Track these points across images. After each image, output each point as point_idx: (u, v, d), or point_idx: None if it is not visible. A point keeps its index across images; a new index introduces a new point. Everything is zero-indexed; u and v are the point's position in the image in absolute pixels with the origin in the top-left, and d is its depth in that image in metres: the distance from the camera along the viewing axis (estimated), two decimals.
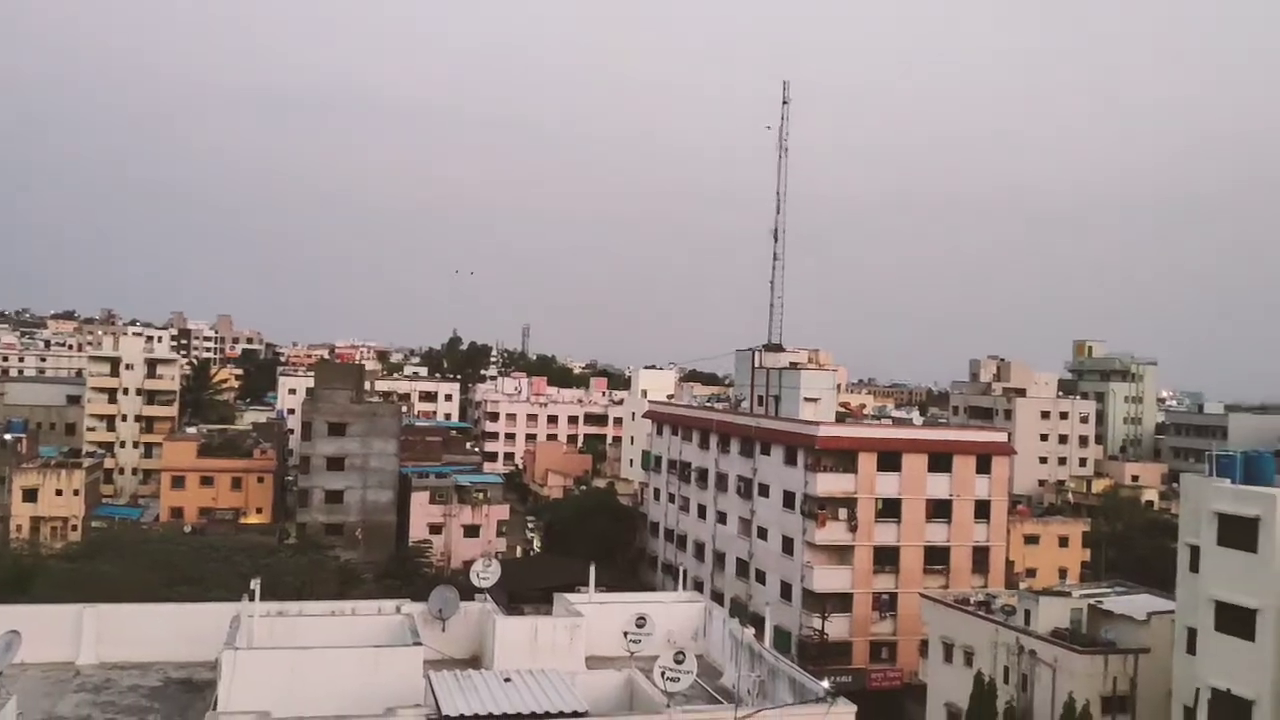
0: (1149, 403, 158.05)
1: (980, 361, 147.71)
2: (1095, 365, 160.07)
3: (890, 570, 69.48)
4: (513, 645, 26.84)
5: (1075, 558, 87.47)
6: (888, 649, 68.97)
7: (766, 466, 75.69)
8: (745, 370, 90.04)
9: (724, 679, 27.38)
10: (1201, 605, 41.90)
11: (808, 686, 23.51)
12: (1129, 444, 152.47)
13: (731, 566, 79.27)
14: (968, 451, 72.57)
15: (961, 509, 71.07)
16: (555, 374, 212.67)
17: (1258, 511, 39.96)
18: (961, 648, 53.19)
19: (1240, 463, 43.86)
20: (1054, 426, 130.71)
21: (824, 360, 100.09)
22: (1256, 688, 39.52)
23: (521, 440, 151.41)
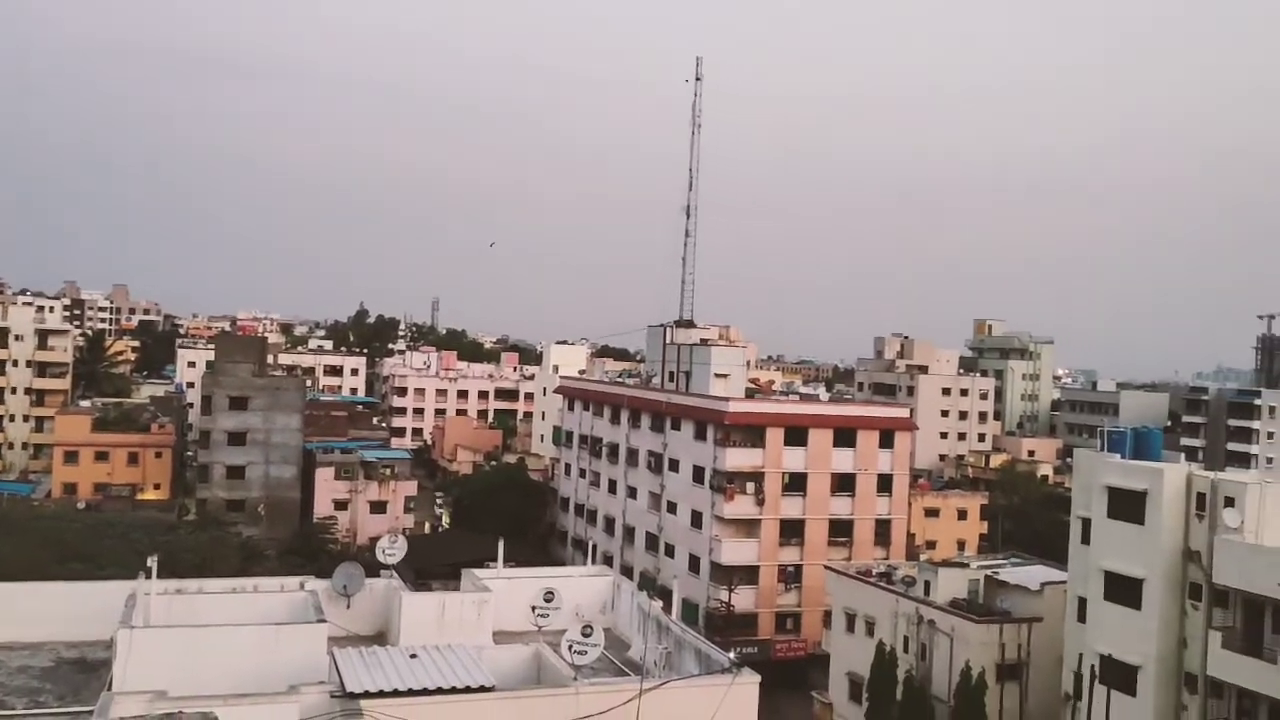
0: (1045, 380, 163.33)
1: (885, 339, 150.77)
2: (995, 344, 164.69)
3: (796, 543, 70.68)
4: (419, 621, 26.58)
5: (973, 530, 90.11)
6: (793, 620, 70.26)
7: (677, 442, 76.22)
8: (657, 346, 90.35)
9: (632, 651, 27.55)
10: (1092, 575, 43.53)
11: (713, 657, 23.80)
12: (1026, 420, 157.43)
13: (641, 541, 79.76)
14: (871, 427, 74.04)
15: (865, 483, 72.58)
16: (466, 348, 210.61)
17: (1145, 485, 41.60)
18: (864, 618, 54.43)
19: (1130, 439, 45.66)
20: (954, 403, 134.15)
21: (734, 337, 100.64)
22: (1142, 654, 41.28)
23: (430, 415, 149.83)
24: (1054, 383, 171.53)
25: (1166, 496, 40.90)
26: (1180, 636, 40.94)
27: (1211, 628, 39.64)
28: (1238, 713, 38.61)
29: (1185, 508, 41.05)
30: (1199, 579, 40.42)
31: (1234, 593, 39.17)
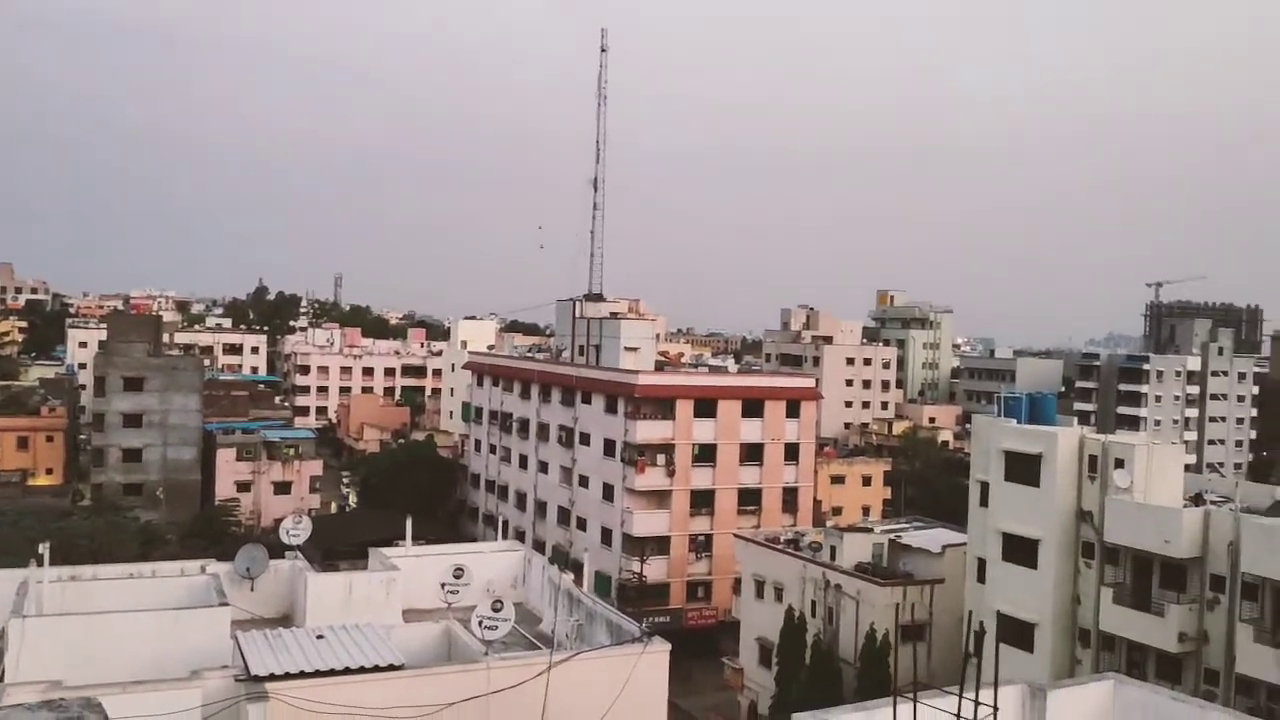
0: (945, 349, 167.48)
1: (791, 311, 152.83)
2: (896, 314, 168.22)
3: (706, 513, 71.43)
4: (326, 602, 26.20)
5: (877, 495, 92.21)
6: (704, 588, 71.09)
7: (588, 415, 76.20)
8: (566, 320, 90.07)
9: (543, 625, 27.57)
10: (990, 537, 44.90)
11: (625, 628, 23.94)
12: (927, 388, 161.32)
13: (553, 515, 79.73)
14: (779, 397, 75.05)
15: (773, 452, 73.61)
16: (370, 325, 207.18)
17: (1040, 449, 42.98)
18: (772, 584, 55.32)
19: (1025, 404, 46.99)
20: (858, 372, 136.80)
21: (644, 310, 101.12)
22: (1038, 611, 42.79)
23: (335, 394, 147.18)
24: (953, 351, 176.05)
25: (1060, 459, 42.33)
26: (1074, 594, 42.53)
27: (1103, 584, 41.24)
28: (1128, 664, 40.28)
29: (1078, 470, 42.55)
30: (1091, 538, 42.00)
31: (1124, 550, 40.80)
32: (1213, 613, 38.00)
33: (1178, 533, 38.31)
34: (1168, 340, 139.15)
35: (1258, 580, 36.51)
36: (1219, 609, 37.82)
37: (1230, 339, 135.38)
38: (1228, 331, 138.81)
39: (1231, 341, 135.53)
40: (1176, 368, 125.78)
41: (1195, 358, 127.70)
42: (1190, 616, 38.40)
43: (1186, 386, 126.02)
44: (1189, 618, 38.39)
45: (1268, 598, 36.39)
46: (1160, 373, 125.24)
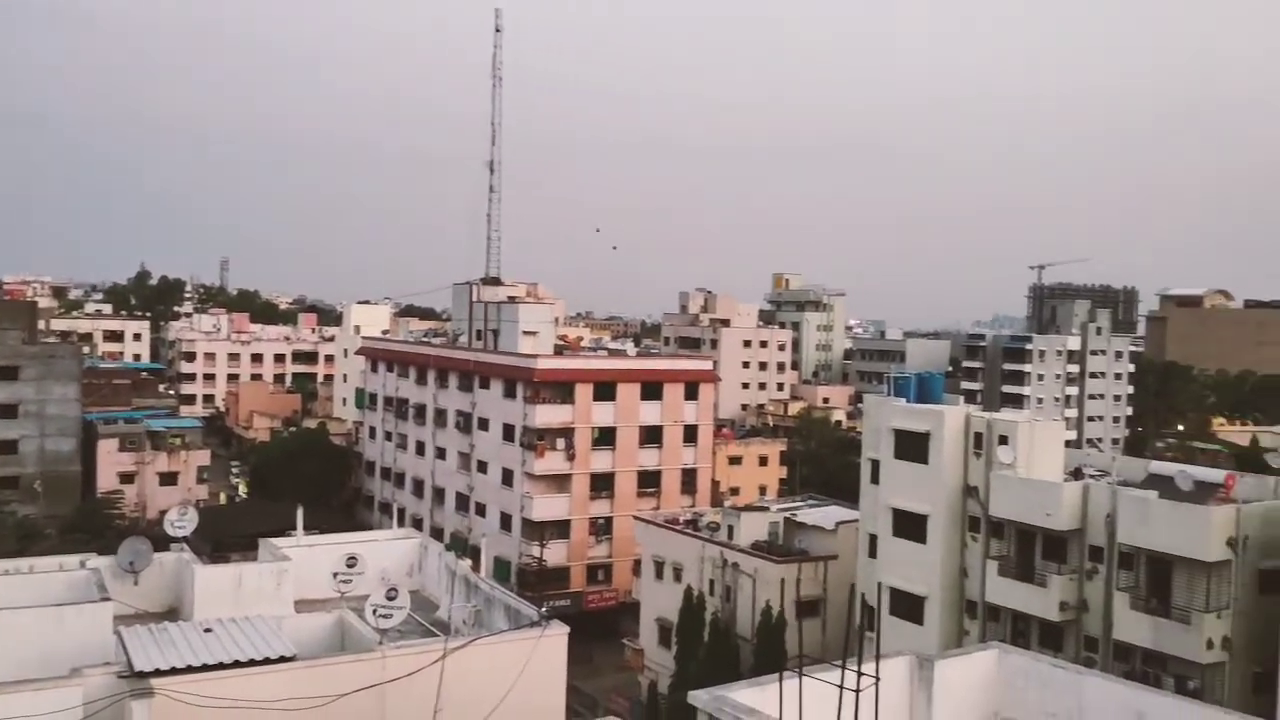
0: (838, 330, 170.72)
1: (689, 294, 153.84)
2: (792, 297, 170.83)
3: (606, 496, 71.64)
4: (214, 595, 25.49)
5: (774, 475, 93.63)
6: (604, 571, 71.35)
7: (486, 400, 75.59)
8: (463, 304, 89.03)
9: (440, 612, 27.29)
10: (881, 513, 45.98)
11: (523, 612, 23.86)
12: (821, 369, 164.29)
13: (452, 501, 78.98)
14: (677, 380, 75.61)
15: (672, 434, 74.18)
16: (259, 310, 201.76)
17: (928, 427, 44.15)
18: (672, 565, 55.78)
19: (914, 383, 48.17)
20: (755, 354, 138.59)
21: (542, 294, 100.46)
22: (928, 584, 44.02)
23: (223, 381, 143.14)
24: (846, 333, 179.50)
25: (947, 437, 43.54)
26: (961, 567, 43.87)
27: (989, 557, 42.62)
28: (1013, 634, 41.74)
29: (964, 447, 43.82)
30: (978, 513, 43.32)
31: (1008, 524, 42.19)
32: (1092, 582, 39.59)
33: (1058, 506, 39.78)
34: (1049, 321, 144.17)
35: (1133, 550, 38.14)
36: (1097, 578, 39.42)
37: (1108, 319, 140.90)
38: (1105, 312, 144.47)
39: (1109, 322, 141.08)
40: (1057, 347, 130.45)
41: (1075, 338, 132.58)
42: (1071, 586, 39.95)
43: (1067, 365, 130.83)
44: (1069, 587, 39.94)
45: (1142, 567, 38.07)
46: (1042, 352, 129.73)
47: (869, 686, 12.76)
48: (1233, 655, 35.85)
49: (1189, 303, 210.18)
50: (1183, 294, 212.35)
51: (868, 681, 12.78)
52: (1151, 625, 37.07)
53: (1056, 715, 16.32)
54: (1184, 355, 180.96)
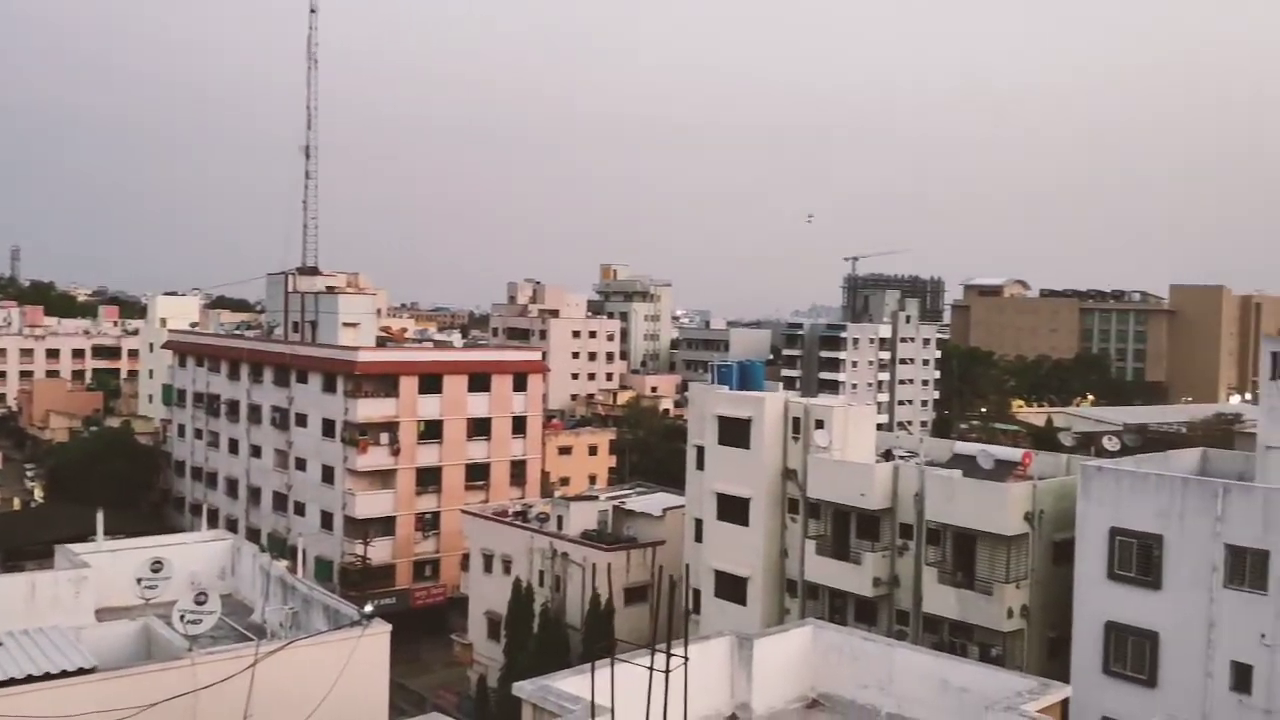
0: (665, 320, 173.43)
1: (517, 284, 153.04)
2: (620, 287, 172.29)
3: (433, 490, 70.47)
4: (6, 606, 23.69)
5: (603, 464, 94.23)
6: (432, 567, 70.25)
7: (304, 395, 73.10)
8: (278, 295, 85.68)
9: (255, 616, 26.21)
10: (706, 498, 46.93)
11: (342, 612, 23.15)
12: (649, 358, 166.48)
13: (269, 501, 76.11)
14: (505, 371, 75.05)
15: (500, 426, 73.59)
16: (55, 302, 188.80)
17: (750, 413, 45.30)
18: (501, 557, 55.42)
19: (736, 372, 49.30)
20: (584, 344, 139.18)
21: (364, 284, 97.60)
22: (751, 566, 45.22)
23: (14, 378, 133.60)
24: (673, 323, 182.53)
25: (767, 423, 44.80)
26: (782, 548, 45.25)
27: (808, 537, 44.11)
28: (830, 610, 43.35)
29: (784, 432, 45.19)
30: (797, 495, 44.77)
31: (825, 505, 43.76)
32: (902, 558, 41.51)
33: (871, 486, 41.51)
34: (863, 310, 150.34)
35: (940, 526, 40.20)
36: (908, 554, 41.35)
37: (916, 308, 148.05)
38: (914, 301, 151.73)
39: (917, 311, 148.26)
40: (870, 335, 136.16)
41: (886, 326, 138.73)
42: (883, 563, 41.80)
43: (879, 352, 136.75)
44: (882, 564, 41.77)
45: (948, 542, 40.17)
46: (856, 340, 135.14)
47: (678, 667, 12.94)
48: (1030, 622, 38.27)
49: (990, 292, 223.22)
50: (984, 284, 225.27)
51: (677, 663, 12.96)
52: (957, 597, 39.17)
53: (868, 687, 17.00)
54: (986, 342, 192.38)
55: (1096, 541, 35.08)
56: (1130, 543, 34.25)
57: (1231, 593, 31.97)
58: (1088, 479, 35.76)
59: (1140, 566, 34.02)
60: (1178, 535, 33.16)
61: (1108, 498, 35.01)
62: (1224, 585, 32.14)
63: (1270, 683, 31.16)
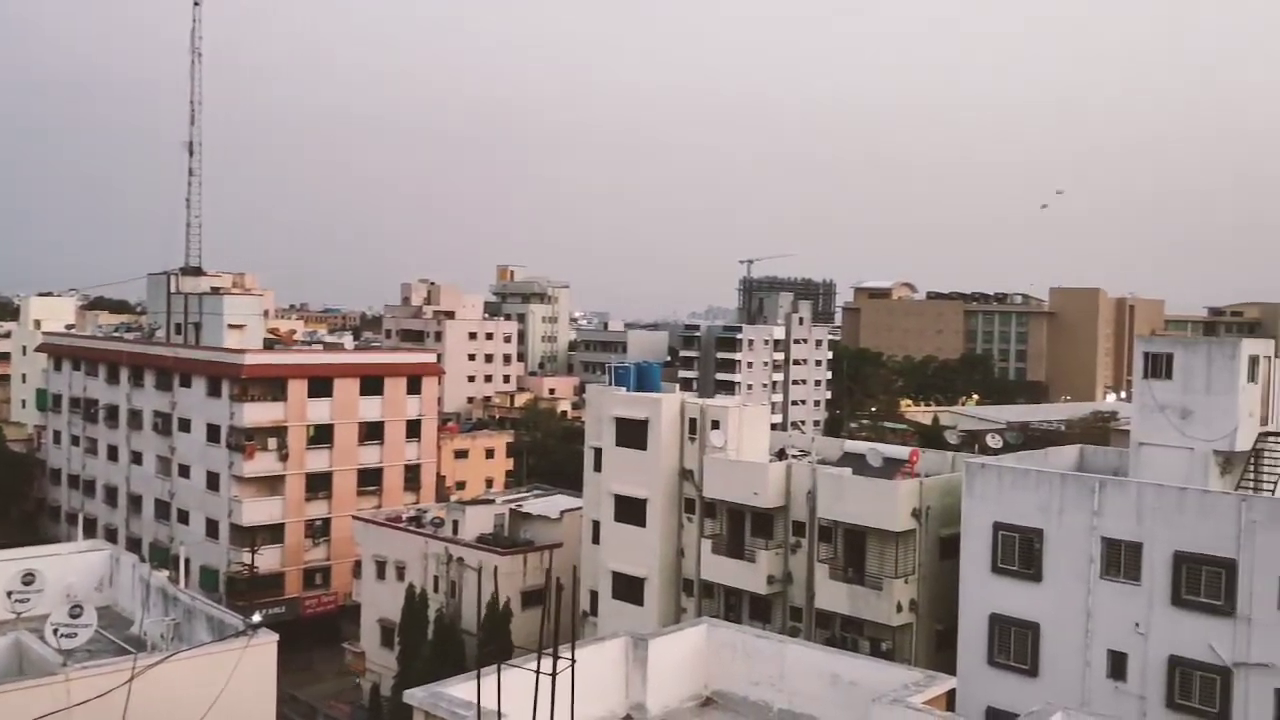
0: (563, 322, 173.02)
1: (412, 285, 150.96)
2: (517, 288, 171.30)
3: (323, 496, 68.98)
4: None
5: (500, 467, 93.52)
6: (322, 574, 68.77)
7: (187, 399, 70.77)
8: (160, 296, 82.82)
9: (135, 628, 25.26)
10: (604, 500, 46.92)
11: (227, 622, 22.48)
12: (547, 360, 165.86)
13: (150, 509, 73.48)
14: (399, 374, 73.88)
15: (394, 430, 72.41)
16: None
17: (647, 414, 45.44)
18: (394, 564, 54.52)
19: (633, 373, 49.50)
20: (481, 346, 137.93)
21: (250, 284, 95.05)
22: (648, 566, 45.35)
23: None
24: (571, 324, 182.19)
25: (664, 423, 45.00)
26: (679, 547, 45.50)
27: (704, 537, 44.44)
28: (726, 608, 43.77)
29: (680, 432, 45.44)
30: (693, 495, 45.07)
31: (721, 504, 44.17)
32: (795, 555, 42.13)
33: (765, 485, 42.03)
34: (758, 312, 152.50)
35: (831, 524, 40.91)
36: (801, 552, 41.99)
37: (809, 310, 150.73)
38: (807, 304, 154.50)
39: (810, 313, 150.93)
40: (765, 337, 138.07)
41: (780, 328, 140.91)
42: (777, 560, 42.37)
43: (773, 353, 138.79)
44: (776, 561, 42.34)
45: (840, 539, 40.92)
46: (751, 341, 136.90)
47: (565, 669, 12.89)
48: (919, 616, 39.23)
49: (879, 295, 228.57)
50: (873, 286, 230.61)
51: (565, 665, 12.91)
52: (848, 593, 39.92)
53: (760, 684, 17.17)
54: (875, 343, 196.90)
55: (980, 536, 36.15)
56: (1012, 537, 35.38)
57: (1107, 583, 33.28)
58: (971, 476, 36.83)
59: (1022, 560, 35.17)
60: (1057, 529, 34.39)
61: (991, 494, 36.11)
62: (1100, 576, 33.44)
63: (1144, 669, 32.54)
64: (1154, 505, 32.51)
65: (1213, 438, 35.11)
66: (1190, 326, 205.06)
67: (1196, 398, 35.49)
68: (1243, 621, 30.68)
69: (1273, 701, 30.18)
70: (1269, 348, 37.20)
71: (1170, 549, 32.02)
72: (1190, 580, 31.73)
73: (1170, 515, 32.15)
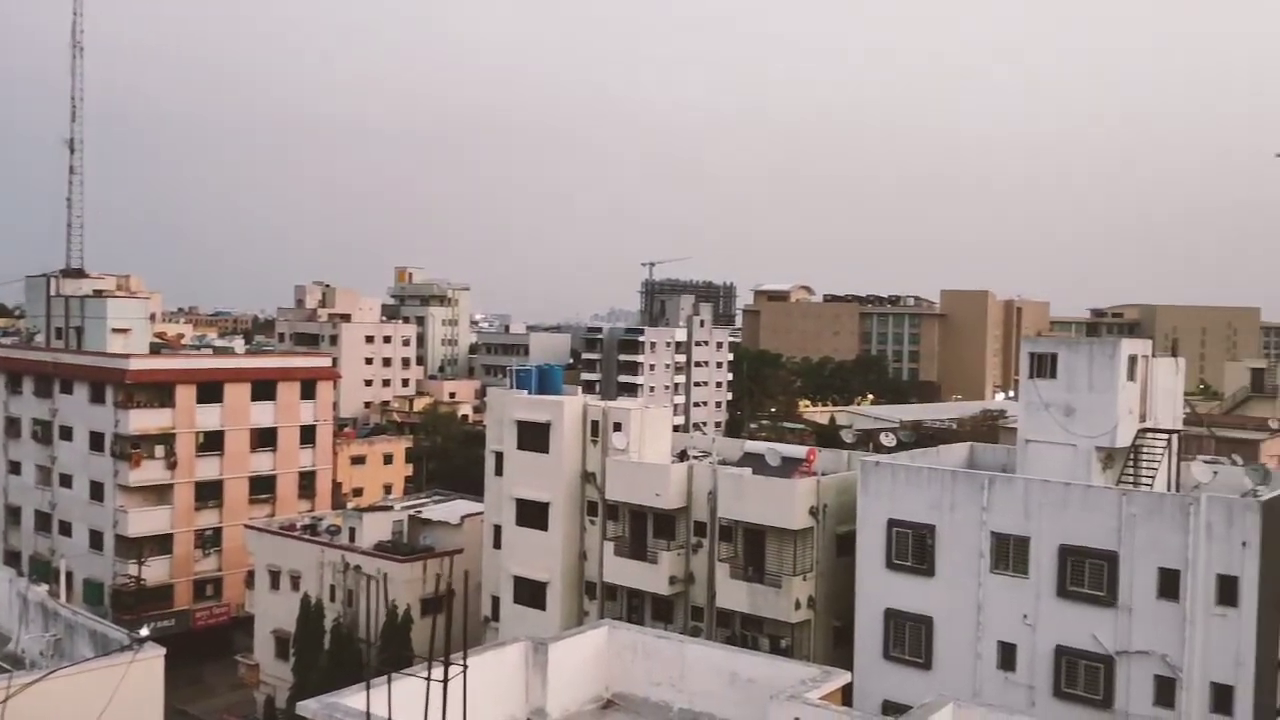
0: (464, 324, 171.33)
1: (306, 287, 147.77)
2: (416, 290, 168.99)
3: (214, 505, 67.06)
4: None
5: (399, 473, 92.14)
6: (214, 586, 66.86)
7: (69, 406, 68.05)
8: (39, 299, 79.55)
9: (11, 645, 24.14)
10: (505, 504, 46.56)
11: (111, 637, 21.65)
12: (447, 363, 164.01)
13: (30, 521, 70.49)
14: (292, 378, 72.21)
15: (287, 436, 70.73)
16: None
17: (549, 417, 45.26)
18: (289, 573, 53.26)
19: (535, 376, 49.21)
20: (378, 350, 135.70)
21: (136, 287, 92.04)
22: (550, 571, 45.14)
23: None
24: (472, 327, 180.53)
25: (566, 426, 44.88)
26: (581, 550, 45.41)
27: (606, 539, 44.45)
28: (628, 610, 43.82)
29: (582, 435, 45.38)
30: (596, 497, 45.05)
31: (623, 506, 44.21)
32: (697, 555, 42.43)
33: (666, 486, 42.24)
34: (659, 314, 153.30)
35: (732, 523, 41.31)
36: (702, 552, 42.30)
37: (710, 313, 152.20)
38: (708, 306, 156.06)
39: (711, 315, 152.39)
40: (666, 339, 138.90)
41: (682, 330, 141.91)
42: (679, 561, 42.61)
43: (675, 355, 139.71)
44: (678, 562, 42.58)
45: (740, 538, 41.34)
46: (653, 344, 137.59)
47: (457, 675, 12.76)
48: (817, 613, 39.85)
49: (778, 297, 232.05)
50: (772, 289, 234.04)
51: (457, 671, 12.77)
52: (748, 591, 40.35)
53: (661, 684, 17.23)
54: (774, 344, 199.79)
55: (875, 533, 36.92)
56: (906, 533, 36.22)
57: (997, 577, 34.31)
58: (866, 474, 37.59)
59: (916, 555, 36.02)
60: (948, 525, 35.32)
61: (885, 491, 36.90)
62: (990, 570, 34.46)
63: (1032, 660, 33.63)
64: (1040, 501, 33.63)
65: (1094, 434, 36.43)
66: (1074, 327, 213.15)
67: (1079, 396, 36.79)
68: (1124, 611, 31.94)
69: (1153, 687, 31.50)
70: (1147, 347, 38.79)
71: (1056, 542, 33.17)
72: (1075, 572, 32.92)
73: (1055, 510, 33.30)
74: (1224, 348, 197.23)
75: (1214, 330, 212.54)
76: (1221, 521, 30.63)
